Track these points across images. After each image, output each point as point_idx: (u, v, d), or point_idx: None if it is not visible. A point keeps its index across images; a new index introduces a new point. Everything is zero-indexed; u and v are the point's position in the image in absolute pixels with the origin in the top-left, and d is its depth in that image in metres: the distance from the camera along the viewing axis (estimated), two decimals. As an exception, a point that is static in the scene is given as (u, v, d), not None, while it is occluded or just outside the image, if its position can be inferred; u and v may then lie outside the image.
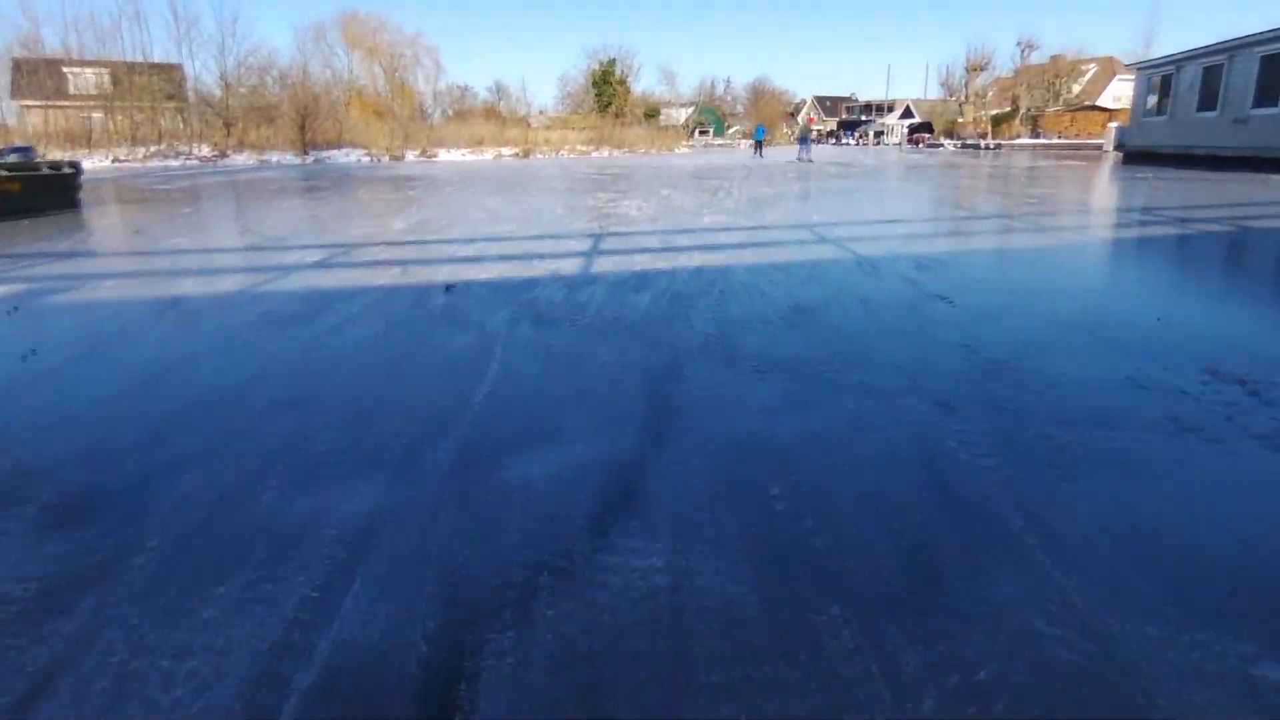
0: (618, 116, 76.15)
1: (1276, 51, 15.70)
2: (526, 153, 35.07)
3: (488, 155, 34.68)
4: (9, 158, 8.16)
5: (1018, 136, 45.41)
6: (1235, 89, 17.31)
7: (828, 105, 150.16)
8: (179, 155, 28.05)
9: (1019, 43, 64.99)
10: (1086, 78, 75.17)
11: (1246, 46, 16.78)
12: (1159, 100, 20.81)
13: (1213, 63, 18.19)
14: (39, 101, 56.63)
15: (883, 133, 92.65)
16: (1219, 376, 2.65)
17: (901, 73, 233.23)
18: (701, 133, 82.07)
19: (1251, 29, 17.14)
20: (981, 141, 48.71)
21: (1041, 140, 43.72)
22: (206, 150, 29.44)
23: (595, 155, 38.68)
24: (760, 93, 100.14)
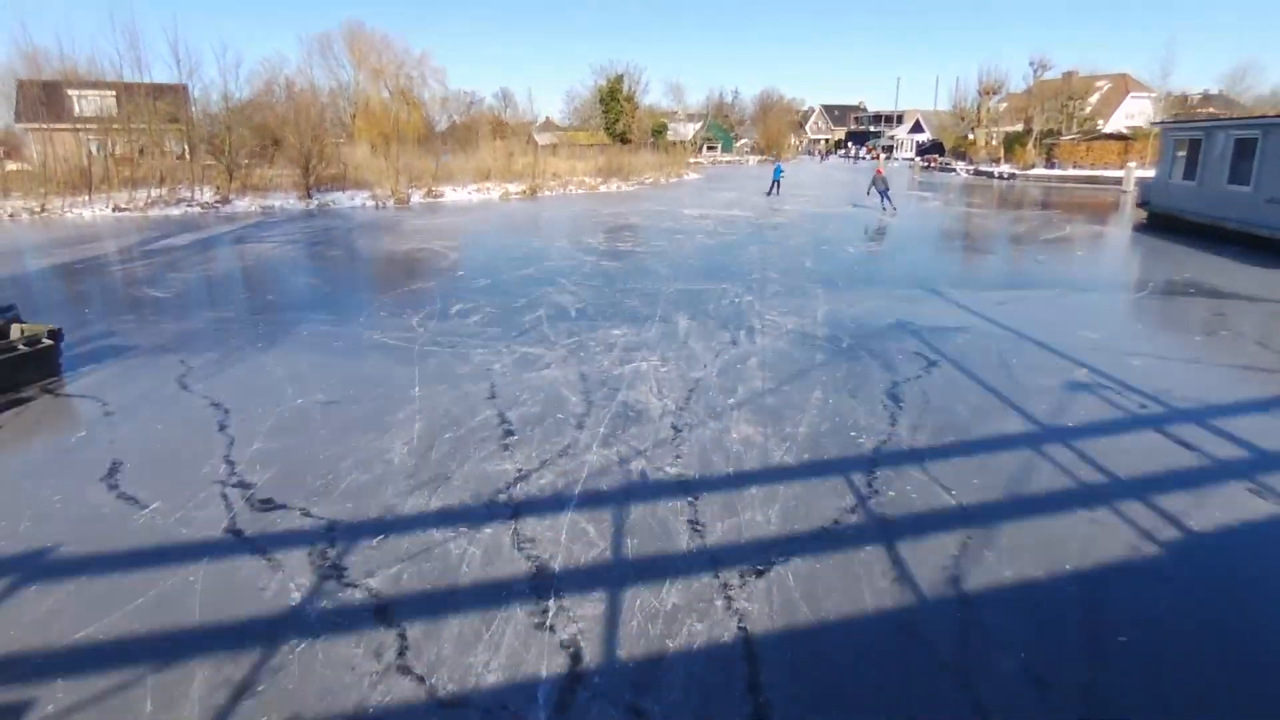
0: (625, 140, 75.72)
1: (1316, 135, 15.02)
2: (533, 191, 34.57)
3: (494, 193, 34.18)
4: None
5: (1032, 166, 44.65)
6: (1270, 167, 16.64)
7: (835, 114, 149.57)
8: (180, 203, 27.58)
9: (1031, 62, 64.21)
10: (1099, 95, 74.41)
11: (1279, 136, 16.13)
12: (1187, 165, 20.12)
13: (1246, 135, 17.52)
14: (42, 124, 56.59)
15: (892, 147, 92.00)
16: None
17: (911, 80, 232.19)
18: (709, 148, 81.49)
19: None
20: (995, 169, 48.02)
21: (1056, 170, 42.98)
22: (209, 194, 28.98)
23: (603, 190, 38.15)
24: (768, 105, 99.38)
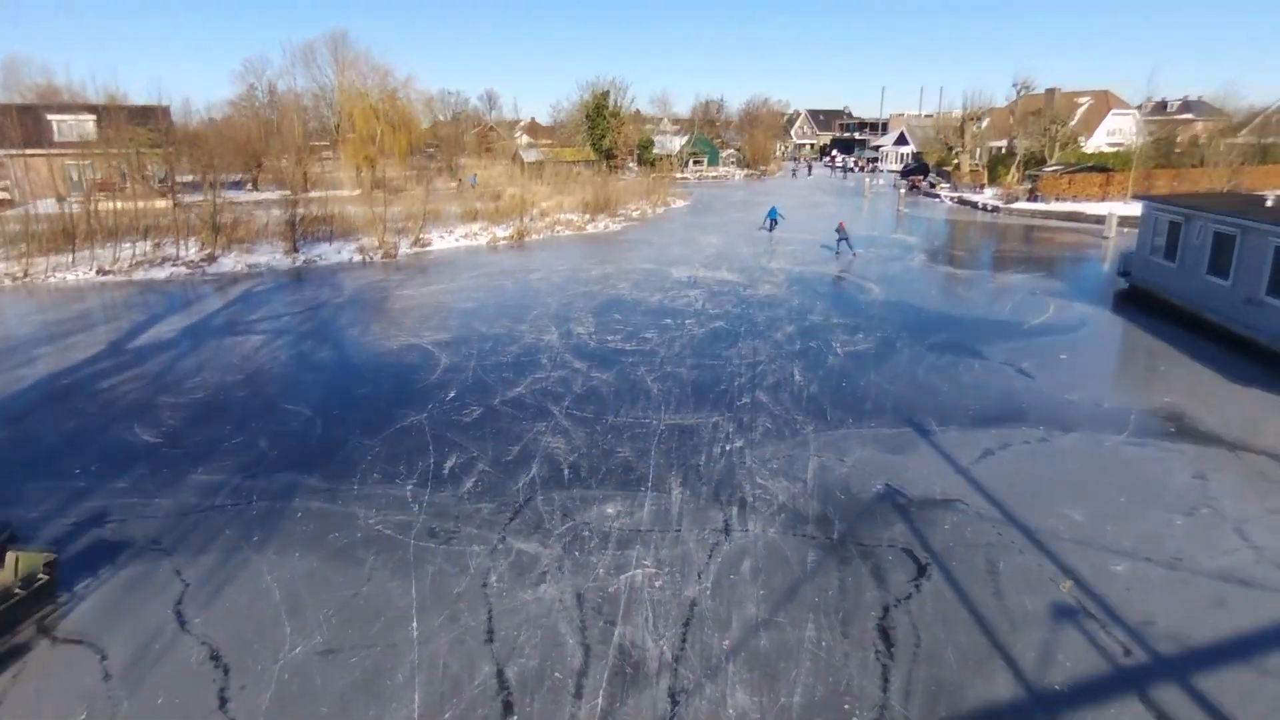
0: (611, 155, 75.69)
1: (1294, 247, 15.30)
2: (521, 236, 34.55)
3: (482, 239, 34.15)
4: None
5: (1015, 198, 45.04)
6: (1248, 267, 16.92)
7: (821, 119, 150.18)
8: (165, 262, 27.38)
9: (1015, 83, 64.67)
10: (1081, 112, 75.08)
11: (1261, 232, 16.40)
12: (1168, 244, 20.41)
13: (1224, 229, 17.81)
14: (22, 151, 55.82)
15: (877, 159, 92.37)
16: None
17: (896, 86, 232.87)
18: (696, 163, 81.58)
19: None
20: (979, 198, 48.44)
21: (1039, 205, 43.38)
22: (194, 251, 28.77)
23: (590, 229, 38.17)
24: (753, 116, 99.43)
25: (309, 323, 19.92)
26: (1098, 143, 72.15)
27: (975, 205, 47.54)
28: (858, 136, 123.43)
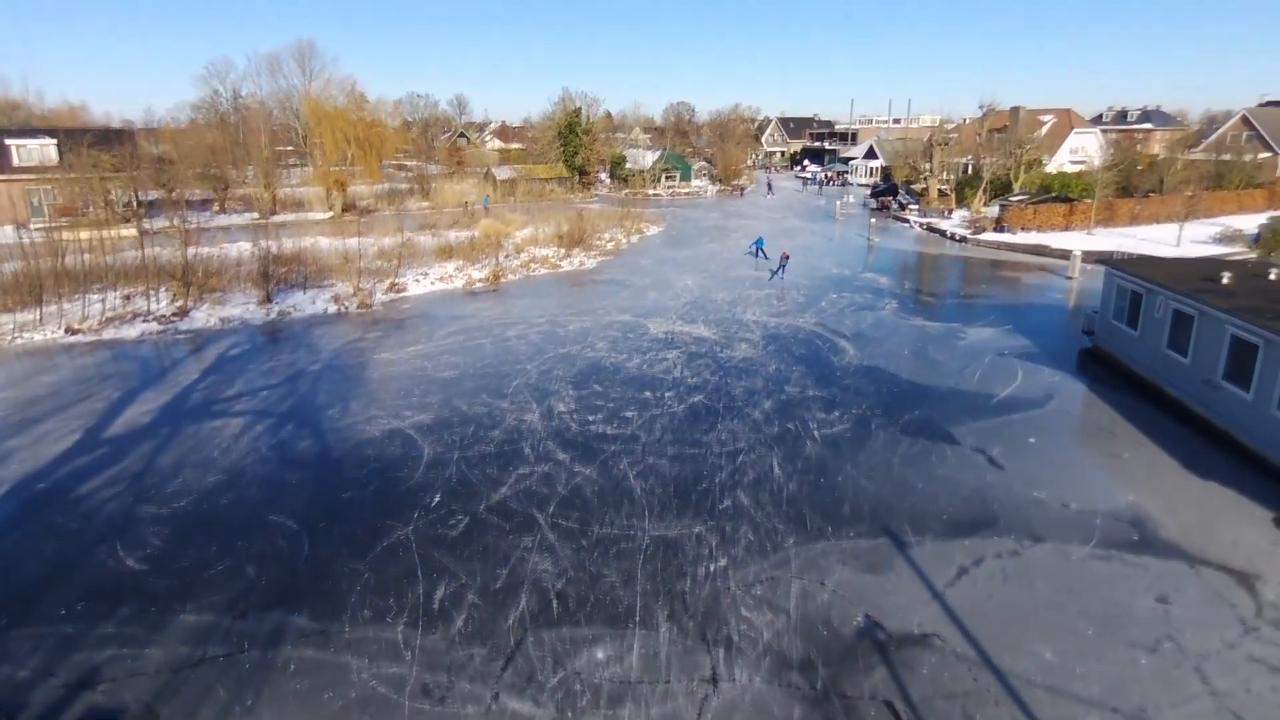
0: (583, 172, 75.70)
1: (1247, 338, 15.95)
2: (497, 277, 34.59)
3: (458, 281, 34.14)
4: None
5: (983, 230, 45.99)
6: (1206, 348, 17.58)
7: (791, 127, 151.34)
8: (136, 318, 27.02)
9: (981, 105, 65.99)
10: (1045, 130, 76.66)
11: (1215, 320, 17.05)
12: (1130, 311, 21.09)
13: (1184, 308, 18.48)
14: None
15: (847, 173, 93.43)
16: None
17: (864, 95, 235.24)
18: (668, 178, 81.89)
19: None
20: (947, 226, 49.38)
21: (1006, 236, 44.34)
22: (165, 303, 28.42)
23: (566, 266, 38.29)
24: (725, 130, 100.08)
25: (288, 400, 19.85)
26: (1061, 160, 73.81)
27: (943, 233, 48.43)
28: (828, 146, 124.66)
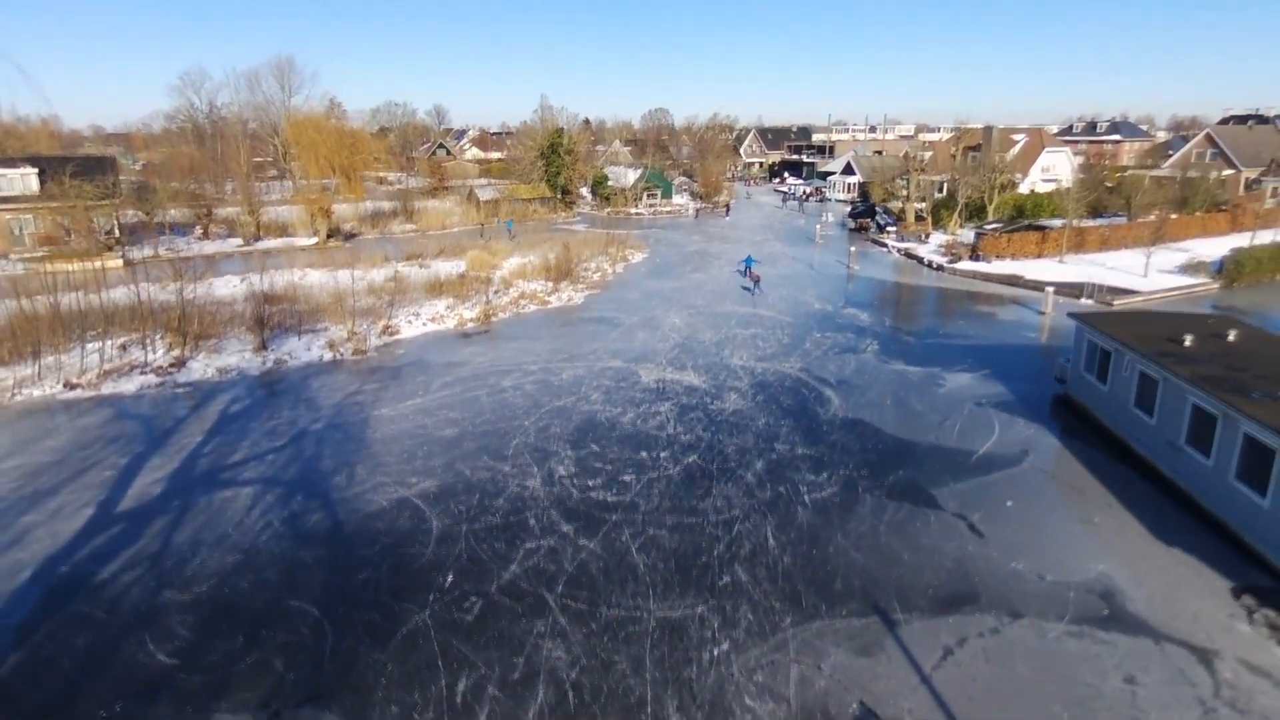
0: (566, 192, 76.42)
1: (1206, 408, 17.06)
2: (487, 316, 35.26)
3: (450, 322, 34.75)
4: None
5: (959, 259, 47.32)
6: (1170, 411, 18.68)
7: (769, 138, 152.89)
8: (134, 370, 27.38)
9: (955, 128, 67.58)
10: (1016, 150, 78.56)
11: (1178, 389, 18.16)
12: (1100, 366, 22.20)
13: (1149, 371, 19.58)
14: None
15: (824, 189, 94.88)
16: None
17: (840, 94, 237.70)
18: (650, 196, 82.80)
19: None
20: (925, 252, 50.64)
21: (981, 265, 45.69)
22: (161, 353, 28.79)
23: (554, 303, 39.00)
24: (705, 145, 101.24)
25: (294, 465, 20.41)
26: (1033, 179, 75.74)
27: (921, 260, 49.72)
28: (805, 159, 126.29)
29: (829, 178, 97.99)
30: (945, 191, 68.07)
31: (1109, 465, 19.76)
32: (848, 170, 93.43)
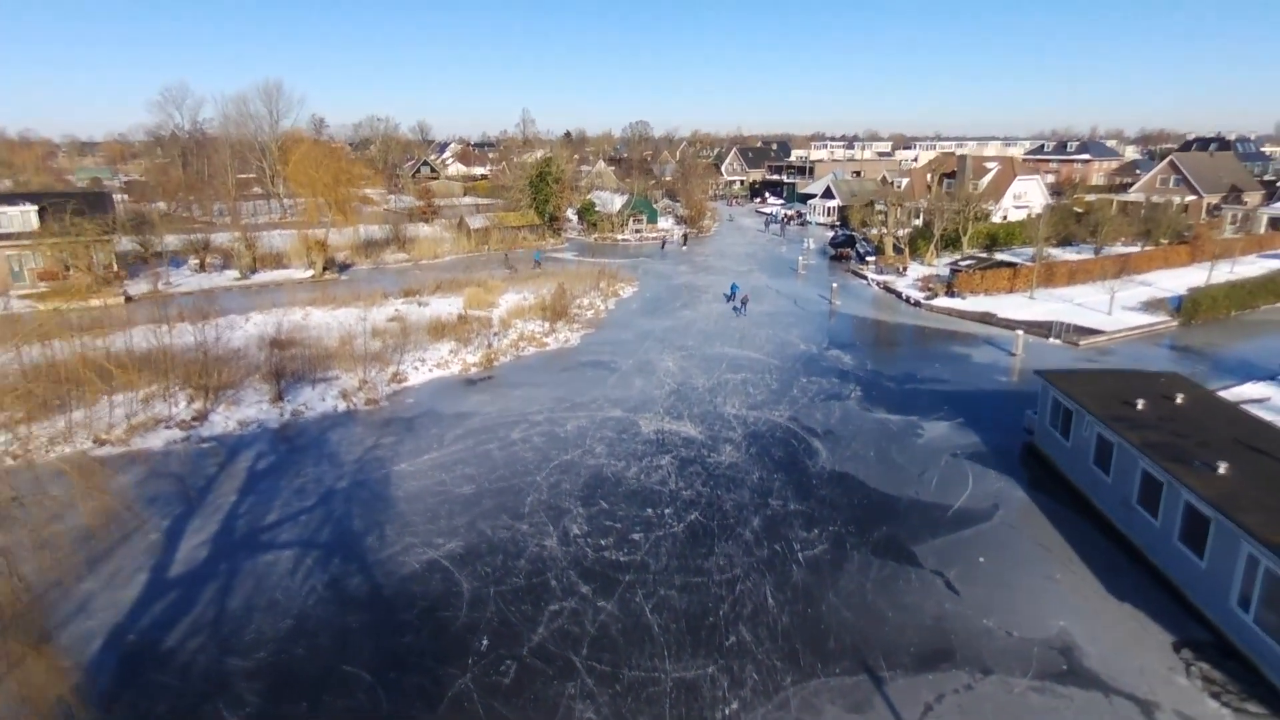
0: (554, 219, 78.24)
1: (1154, 474, 19.21)
2: (490, 361, 36.96)
3: (454, 367, 36.38)
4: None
5: (935, 295, 49.69)
6: (1123, 472, 20.83)
7: (750, 157, 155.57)
8: (159, 425, 28.80)
9: (932, 142, 70.23)
10: (989, 177, 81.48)
11: (1130, 454, 20.31)
12: (1063, 422, 24.36)
13: (1105, 436, 21.74)
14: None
15: (805, 213, 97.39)
16: None
17: (821, 116, 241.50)
18: (636, 223, 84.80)
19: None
20: (903, 290, 52.94)
21: (956, 302, 48.06)
22: (183, 405, 30.22)
23: (551, 345, 40.76)
24: (689, 168, 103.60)
25: (326, 526, 22.01)
26: (1006, 205, 78.65)
27: (899, 295, 52.08)
28: (785, 179, 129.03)
29: (809, 200, 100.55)
30: (922, 220, 70.63)
31: (1071, 520, 21.88)
32: (828, 194, 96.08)
